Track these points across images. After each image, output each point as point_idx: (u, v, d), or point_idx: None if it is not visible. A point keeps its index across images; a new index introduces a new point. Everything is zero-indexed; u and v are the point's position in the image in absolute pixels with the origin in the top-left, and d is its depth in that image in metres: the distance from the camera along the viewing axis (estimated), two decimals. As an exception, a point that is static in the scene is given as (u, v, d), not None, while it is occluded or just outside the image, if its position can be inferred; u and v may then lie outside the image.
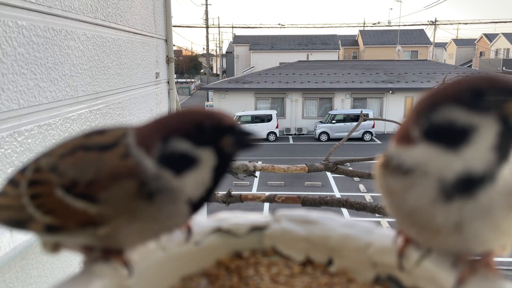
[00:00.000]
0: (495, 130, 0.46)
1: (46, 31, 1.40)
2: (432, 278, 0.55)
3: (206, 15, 42.18)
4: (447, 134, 0.48)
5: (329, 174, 10.76)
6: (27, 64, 1.29)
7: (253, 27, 67.41)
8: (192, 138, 0.52)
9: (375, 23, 46.46)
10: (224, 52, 52.61)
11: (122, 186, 0.50)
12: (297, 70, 25.95)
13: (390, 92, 23.17)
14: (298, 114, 23.88)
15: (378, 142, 20.60)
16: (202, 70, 59.75)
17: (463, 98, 0.47)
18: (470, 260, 0.54)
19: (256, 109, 23.70)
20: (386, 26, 44.83)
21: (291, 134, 23.37)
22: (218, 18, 57.96)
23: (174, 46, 3.44)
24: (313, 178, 14.02)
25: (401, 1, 44.72)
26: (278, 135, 21.81)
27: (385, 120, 3.73)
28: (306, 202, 2.08)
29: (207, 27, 42.56)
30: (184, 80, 52.61)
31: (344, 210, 8.73)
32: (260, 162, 2.81)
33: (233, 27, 50.11)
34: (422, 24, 44.35)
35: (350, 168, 2.86)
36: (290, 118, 23.82)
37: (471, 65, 40.17)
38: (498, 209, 0.48)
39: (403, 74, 24.72)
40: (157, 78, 2.92)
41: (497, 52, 43.04)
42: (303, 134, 23.30)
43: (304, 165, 2.67)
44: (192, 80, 53.39)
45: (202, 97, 39.67)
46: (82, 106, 1.70)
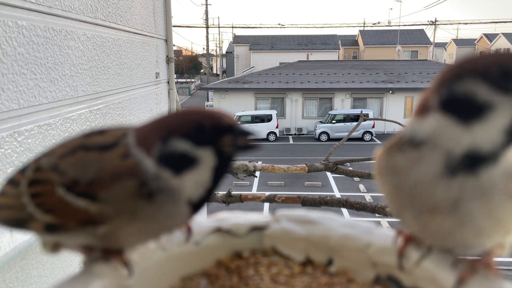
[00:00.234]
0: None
1: (46, 31, 1.40)
2: (432, 278, 0.55)
3: (206, 15, 42.20)
4: (464, 108, 0.48)
5: (329, 174, 10.76)
6: (27, 64, 1.29)
7: (253, 27, 67.45)
8: (191, 138, 0.52)
9: (375, 23, 46.46)
10: (224, 52, 52.63)
11: (122, 186, 0.50)
12: (297, 70, 25.94)
13: (390, 92, 23.17)
14: (298, 114, 23.88)
15: (378, 142, 20.59)
16: (202, 70, 59.78)
17: (491, 75, 0.47)
18: (470, 260, 0.54)
19: (256, 109, 23.70)
20: (386, 26, 44.85)
21: (291, 134, 23.38)
22: (218, 18, 57.98)
23: (174, 46, 3.44)
24: (313, 178, 14.02)
25: (401, 1, 44.73)
26: (278, 135, 21.81)
27: (385, 120, 3.73)
28: (306, 202, 2.08)
29: (207, 27, 42.58)
30: (184, 80, 52.64)
31: (344, 210, 8.73)
32: (260, 162, 2.81)
33: (233, 27, 50.15)
34: (422, 24, 44.36)
35: (350, 168, 2.86)
36: (290, 118, 23.82)
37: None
38: (497, 193, 0.48)
39: (403, 74, 24.72)
40: (157, 78, 2.92)
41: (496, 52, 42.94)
42: (303, 134, 23.30)
43: (304, 165, 2.67)
44: (192, 80, 53.41)
45: (202, 97, 39.67)
46: (82, 106, 1.70)
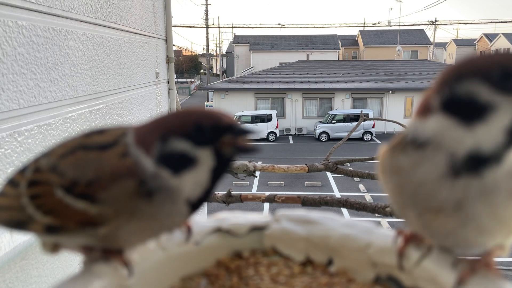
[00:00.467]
0: None
1: (46, 31, 1.40)
2: (432, 278, 0.55)
3: (206, 15, 42.20)
4: (465, 108, 0.48)
5: (329, 174, 10.76)
6: (27, 64, 1.29)
7: (253, 27, 67.48)
8: (191, 138, 0.52)
9: (375, 23, 46.45)
10: (224, 52, 52.61)
11: (121, 185, 0.50)
12: (297, 70, 25.94)
13: (390, 92, 23.17)
14: (298, 114, 23.88)
15: (378, 142, 20.59)
16: (202, 70, 59.76)
17: (492, 76, 0.47)
18: (470, 260, 0.54)
19: (256, 109, 23.70)
20: (386, 26, 44.84)
21: (291, 134, 23.37)
22: (218, 18, 57.98)
23: (174, 46, 3.44)
24: (313, 178, 14.01)
25: (401, 1, 44.71)
26: (278, 135, 21.81)
27: (385, 120, 3.73)
28: (306, 202, 2.08)
29: (207, 27, 42.58)
30: (184, 80, 52.62)
31: (344, 210, 8.73)
32: (260, 162, 2.81)
33: (233, 27, 50.14)
34: (422, 24, 44.35)
35: (350, 168, 2.86)
36: (290, 118, 23.82)
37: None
38: (501, 193, 0.48)
39: (403, 74, 24.72)
40: (157, 78, 2.91)
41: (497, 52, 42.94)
42: (303, 134, 23.29)
43: (304, 165, 2.67)
44: (192, 80, 53.40)
45: (202, 97, 39.67)
46: (82, 106, 1.70)
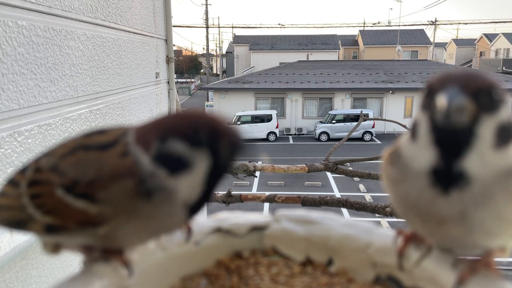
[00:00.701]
0: None
1: (46, 31, 1.40)
2: (432, 278, 0.55)
3: (206, 15, 42.18)
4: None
5: (329, 174, 10.75)
6: (27, 64, 1.29)
7: (253, 27, 67.74)
8: (188, 140, 0.52)
9: (375, 23, 46.44)
10: (224, 52, 52.59)
11: (121, 185, 0.50)
12: (297, 70, 25.93)
13: (390, 92, 23.16)
14: (298, 114, 23.87)
15: (378, 142, 20.59)
16: (202, 70, 59.74)
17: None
18: (470, 260, 0.54)
19: (256, 109, 23.69)
20: (386, 26, 44.84)
21: (291, 134, 23.36)
22: (218, 18, 58.03)
23: (174, 46, 3.44)
24: (313, 178, 14.01)
25: (401, 1, 44.71)
26: (278, 135, 21.80)
27: (385, 120, 3.73)
28: (306, 202, 2.08)
29: (207, 27, 42.56)
30: (184, 80, 52.59)
31: (344, 210, 8.72)
32: (260, 162, 2.81)
33: (233, 27, 50.17)
34: (422, 24, 44.34)
35: (350, 168, 2.86)
36: (290, 118, 23.81)
37: (471, 65, 40.20)
38: (499, 195, 0.48)
39: (403, 74, 24.71)
40: (157, 78, 2.91)
41: (497, 52, 43.02)
42: (303, 134, 23.29)
43: (304, 165, 2.66)
44: (192, 80, 53.38)
45: (202, 97, 39.65)
46: (82, 106, 1.70)
